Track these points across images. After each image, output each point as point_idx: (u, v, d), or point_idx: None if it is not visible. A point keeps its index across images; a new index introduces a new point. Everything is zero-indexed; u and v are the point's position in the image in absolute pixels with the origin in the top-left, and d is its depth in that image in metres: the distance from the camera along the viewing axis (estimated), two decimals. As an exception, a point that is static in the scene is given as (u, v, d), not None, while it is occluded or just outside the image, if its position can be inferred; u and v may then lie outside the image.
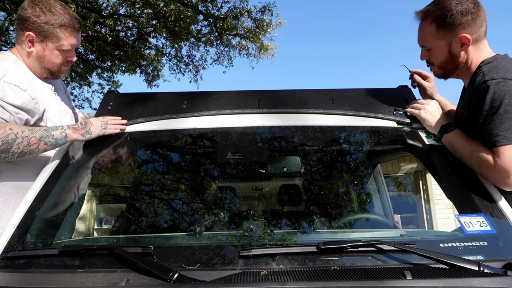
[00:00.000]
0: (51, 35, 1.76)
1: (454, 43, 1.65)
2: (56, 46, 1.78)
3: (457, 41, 1.64)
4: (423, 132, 1.78)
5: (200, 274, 1.12)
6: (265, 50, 10.51)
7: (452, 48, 1.66)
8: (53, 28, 1.75)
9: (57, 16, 1.75)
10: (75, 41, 1.83)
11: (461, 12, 1.60)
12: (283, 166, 1.95)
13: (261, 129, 1.83)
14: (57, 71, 1.87)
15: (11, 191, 1.70)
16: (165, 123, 1.85)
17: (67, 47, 1.81)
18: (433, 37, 1.69)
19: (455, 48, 1.66)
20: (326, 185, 1.83)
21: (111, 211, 4.56)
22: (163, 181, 1.94)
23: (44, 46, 1.78)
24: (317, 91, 2.00)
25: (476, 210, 1.41)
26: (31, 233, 1.39)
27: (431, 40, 1.71)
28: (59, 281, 1.13)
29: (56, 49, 1.79)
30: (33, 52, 1.78)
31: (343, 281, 1.03)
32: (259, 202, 1.81)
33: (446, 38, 1.65)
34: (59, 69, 1.86)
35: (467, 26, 1.61)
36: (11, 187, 1.71)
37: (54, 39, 1.77)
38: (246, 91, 2.00)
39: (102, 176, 2.13)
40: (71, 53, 1.86)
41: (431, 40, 1.71)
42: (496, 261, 1.16)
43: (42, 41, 1.76)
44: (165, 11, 8.89)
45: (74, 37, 1.81)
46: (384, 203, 2.48)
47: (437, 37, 1.68)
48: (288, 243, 1.35)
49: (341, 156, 1.93)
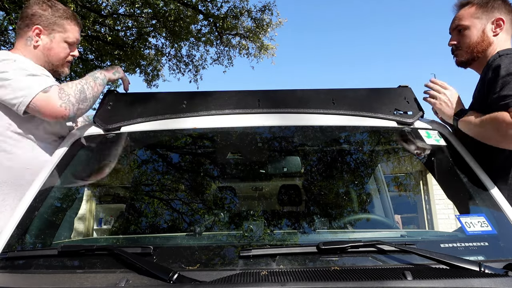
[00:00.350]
0: (59, 26, 1.83)
1: (489, 25, 1.78)
2: (63, 38, 1.85)
3: (493, 23, 1.78)
4: (423, 131, 1.78)
5: (200, 274, 1.11)
6: (265, 50, 10.51)
7: (486, 29, 1.78)
8: (60, 19, 1.83)
9: (62, 10, 1.86)
10: (78, 35, 1.91)
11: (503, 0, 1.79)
12: (283, 166, 1.95)
13: (261, 129, 1.83)
14: (61, 67, 1.90)
15: (9, 191, 1.70)
16: (165, 123, 1.84)
17: (73, 39, 1.89)
18: (472, 16, 1.81)
19: (489, 29, 1.78)
20: (326, 185, 1.83)
21: (111, 212, 4.55)
22: (163, 181, 1.93)
23: (52, 38, 1.83)
24: (317, 91, 1.99)
25: (476, 211, 1.40)
26: (30, 234, 1.39)
27: (469, 18, 1.82)
28: (59, 282, 1.13)
29: (63, 40, 1.86)
30: (40, 45, 1.82)
31: (343, 282, 1.02)
32: (259, 202, 1.81)
33: (483, 18, 1.78)
34: (63, 65, 1.90)
35: (504, 13, 1.78)
36: (8, 186, 1.71)
37: (61, 29, 1.84)
38: (246, 91, 2.00)
39: (101, 176, 2.13)
40: (74, 48, 1.93)
41: (469, 18, 1.82)
42: (497, 261, 1.16)
43: (49, 34, 1.82)
44: (164, 10, 8.89)
45: (77, 31, 1.90)
46: (384, 203, 2.48)
47: (475, 17, 1.80)
48: (288, 243, 1.34)
49: (341, 156, 1.92)
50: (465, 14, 1.84)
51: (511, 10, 1.81)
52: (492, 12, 1.78)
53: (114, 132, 1.82)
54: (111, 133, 1.81)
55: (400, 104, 1.89)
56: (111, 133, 1.81)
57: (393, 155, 2.02)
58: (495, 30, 1.78)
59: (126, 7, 9.07)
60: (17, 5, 6.67)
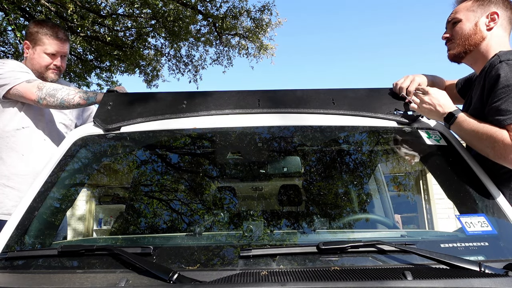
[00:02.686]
0: (39, 41, 2.29)
1: (483, 19, 1.77)
2: (42, 50, 2.29)
3: (487, 17, 1.76)
4: (423, 131, 1.78)
5: (200, 274, 1.11)
6: (265, 50, 10.49)
7: (479, 22, 1.77)
8: (40, 35, 2.29)
9: (45, 28, 2.31)
10: (58, 48, 2.31)
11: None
12: (283, 166, 1.95)
13: (261, 129, 1.83)
14: (44, 73, 2.31)
15: None
16: (164, 123, 1.84)
17: (51, 51, 2.30)
18: (467, 10, 1.81)
19: (482, 23, 1.77)
20: (326, 185, 1.82)
21: (111, 212, 4.55)
22: (163, 181, 1.93)
23: (34, 51, 2.31)
24: (317, 91, 1.99)
25: (477, 210, 1.40)
26: (29, 234, 1.39)
27: (463, 12, 1.82)
28: (58, 282, 1.12)
29: (43, 52, 2.29)
30: (28, 56, 2.32)
31: (343, 282, 1.02)
32: (259, 203, 1.80)
33: (478, 11, 1.78)
34: (46, 71, 2.32)
35: (501, 8, 1.76)
36: None
37: (40, 43, 2.29)
38: (246, 91, 1.99)
39: (101, 177, 2.13)
40: (57, 59, 2.33)
41: (463, 12, 1.82)
42: (497, 261, 1.16)
43: (33, 47, 2.31)
44: (164, 11, 8.86)
45: (56, 44, 2.31)
46: (384, 203, 2.47)
47: (470, 10, 1.80)
48: (288, 244, 1.34)
49: (341, 156, 1.92)
50: (460, 8, 1.84)
51: (510, 7, 1.79)
52: (488, 6, 1.77)
53: (114, 132, 1.81)
54: (111, 133, 1.81)
55: (400, 104, 1.89)
56: (111, 133, 1.81)
57: (393, 155, 2.02)
58: (489, 24, 1.76)
59: (125, 7, 9.04)
60: (16, 5, 6.65)
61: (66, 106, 2.15)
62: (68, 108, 2.19)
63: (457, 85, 2.07)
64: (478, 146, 1.57)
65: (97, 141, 1.82)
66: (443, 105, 1.70)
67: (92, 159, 1.85)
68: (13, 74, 2.15)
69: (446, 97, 1.73)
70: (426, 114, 1.78)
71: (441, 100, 1.72)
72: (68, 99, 2.12)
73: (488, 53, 1.73)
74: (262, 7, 9.67)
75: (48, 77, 2.32)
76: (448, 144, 1.73)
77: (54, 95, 2.12)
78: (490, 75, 1.58)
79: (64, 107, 2.17)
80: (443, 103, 1.71)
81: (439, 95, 1.73)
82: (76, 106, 2.17)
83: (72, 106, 2.16)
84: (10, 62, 2.26)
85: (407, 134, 1.79)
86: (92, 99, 2.13)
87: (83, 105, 2.17)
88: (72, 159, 1.73)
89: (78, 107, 2.23)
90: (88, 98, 2.13)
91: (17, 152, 2.19)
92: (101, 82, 11.84)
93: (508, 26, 1.80)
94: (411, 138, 1.81)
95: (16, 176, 2.16)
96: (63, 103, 2.12)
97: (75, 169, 1.73)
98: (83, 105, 2.16)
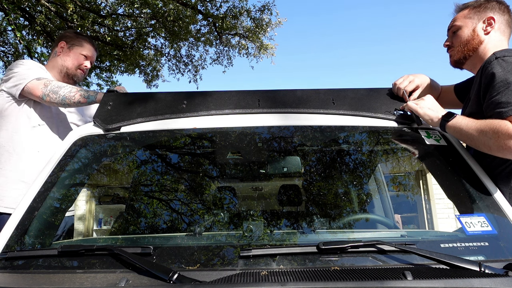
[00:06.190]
0: (78, 42, 2.54)
1: (480, 24, 1.83)
2: (80, 51, 2.52)
3: (484, 22, 1.83)
4: (423, 131, 1.78)
5: (200, 274, 1.11)
6: (265, 50, 10.48)
7: (477, 28, 1.84)
8: (80, 39, 2.55)
9: (84, 36, 2.63)
10: (91, 53, 2.58)
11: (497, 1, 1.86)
12: (283, 166, 1.94)
13: (261, 129, 1.83)
14: (75, 71, 2.50)
15: None
16: (164, 123, 1.84)
17: (86, 53, 2.54)
18: (464, 17, 1.89)
19: (480, 28, 1.83)
20: (326, 185, 1.82)
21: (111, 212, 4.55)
22: (163, 181, 1.93)
23: (70, 50, 2.51)
24: (317, 90, 1.99)
25: (477, 210, 1.40)
26: (29, 234, 1.38)
27: (461, 19, 1.90)
28: (58, 282, 1.12)
29: (79, 52, 2.51)
30: (61, 54, 2.50)
31: (343, 282, 1.02)
32: (259, 203, 1.80)
33: (475, 17, 1.85)
34: (76, 70, 2.51)
35: (498, 13, 1.83)
36: None
37: (79, 45, 2.53)
38: (246, 91, 1.99)
39: (101, 177, 2.13)
40: (87, 61, 2.55)
41: (461, 19, 1.90)
42: (497, 261, 1.16)
43: (69, 47, 2.51)
44: (163, 10, 8.86)
45: (91, 50, 2.58)
46: (384, 203, 2.47)
47: (467, 17, 1.88)
48: (288, 244, 1.34)
49: (341, 156, 1.92)
50: (459, 16, 1.92)
51: (507, 11, 1.84)
52: (484, 12, 1.84)
53: (114, 132, 1.82)
54: (111, 133, 1.81)
55: (400, 104, 1.89)
56: (111, 133, 1.81)
57: (393, 155, 2.02)
58: (486, 28, 1.82)
59: (125, 7, 9.04)
60: (16, 5, 6.64)
61: (67, 104, 2.23)
62: (69, 105, 2.26)
63: (456, 89, 2.08)
64: (480, 139, 1.53)
65: (97, 141, 1.82)
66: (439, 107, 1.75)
67: (92, 159, 1.85)
68: (28, 72, 2.27)
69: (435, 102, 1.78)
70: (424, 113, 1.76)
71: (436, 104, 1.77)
72: (69, 97, 2.20)
73: (485, 56, 1.75)
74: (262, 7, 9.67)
75: (76, 75, 2.52)
76: (448, 144, 1.73)
77: (57, 92, 2.21)
78: (486, 72, 1.60)
79: (65, 104, 2.24)
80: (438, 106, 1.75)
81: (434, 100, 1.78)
82: (76, 104, 2.24)
83: (73, 103, 2.23)
84: (28, 62, 2.41)
85: (407, 134, 1.79)
86: (92, 98, 2.20)
87: (83, 104, 2.23)
88: (72, 159, 1.73)
89: (78, 105, 2.28)
90: (88, 97, 2.21)
91: (33, 149, 2.25)
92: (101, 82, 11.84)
93: (506, 29, 1.84)
94: (411, 138, 1.81)
95: (31, 172, 2.17)
96: (64, 100, 2.21)
97: (75, 169, 1.73)
98: (83, 103, 2.23)
